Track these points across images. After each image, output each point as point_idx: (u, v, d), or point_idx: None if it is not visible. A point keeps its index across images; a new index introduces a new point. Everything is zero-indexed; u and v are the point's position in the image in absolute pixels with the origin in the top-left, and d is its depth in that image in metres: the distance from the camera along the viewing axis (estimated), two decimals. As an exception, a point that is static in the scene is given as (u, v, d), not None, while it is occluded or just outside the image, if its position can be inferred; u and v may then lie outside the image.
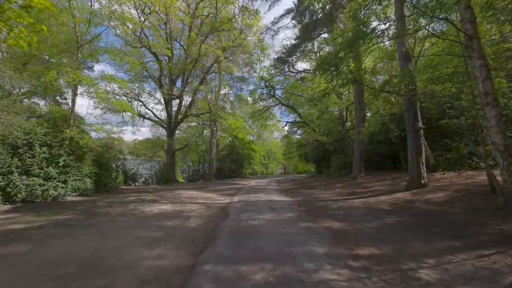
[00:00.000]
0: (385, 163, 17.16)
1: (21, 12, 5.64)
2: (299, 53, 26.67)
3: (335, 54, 7.33)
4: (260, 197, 10.75)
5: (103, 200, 9.69)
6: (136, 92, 22.02)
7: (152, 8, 13.86)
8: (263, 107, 30.50)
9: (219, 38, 20.69)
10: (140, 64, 16.55)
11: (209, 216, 6.83)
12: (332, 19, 20.11)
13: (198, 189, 15.19)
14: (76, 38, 12.27)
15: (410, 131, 9.75)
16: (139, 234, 5.07)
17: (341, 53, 7.18)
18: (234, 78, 28.00)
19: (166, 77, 22.55)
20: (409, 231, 4.81)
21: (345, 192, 11.21)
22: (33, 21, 6.45)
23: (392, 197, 8.40)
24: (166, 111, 22.00)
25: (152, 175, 24.63)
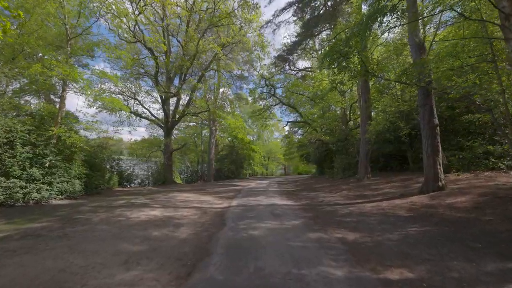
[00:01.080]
0: (392, 163, 16.37)
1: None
2: (300, 50, 25.87)
3: (346, 39, 6.50)
4: (261, 200, 9.92)
5: (89, 204, 8.86)
6: (133, 90, 21.30)
7: (147, 0, 13.00)
8: (263, 106, 29.72)
9: (218, 34, 19.90)
10: (135, 61, 15.73)
11: (203, 224, 6.00)
12: (335, 14, 19.32)
13: (195, 191, 14.36)
14: (65, 31, 11.48)
15: (425, 128, 8.92)
16: (117, 248, 4.24)
17: (352, 39, 6.34)
18: (234, 76, 27.25)
19: (163, 75, 21.78)
20: (442, 245, 3.98)
21: (353, 195, 10.38)
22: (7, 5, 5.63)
23: (407, 201, 7.58)
24: (163, 110, 21.20)
25: (149, 176, 23.78)
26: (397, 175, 13.59)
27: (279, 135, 52.75)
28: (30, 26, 11.21)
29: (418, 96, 9.29)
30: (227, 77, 24.25)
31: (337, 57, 6.97)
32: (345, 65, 7.38)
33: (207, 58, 22.27)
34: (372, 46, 9.70)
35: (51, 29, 12.44)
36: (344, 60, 7.10)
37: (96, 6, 11.07)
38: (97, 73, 11.82)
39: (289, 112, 32.24)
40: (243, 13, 17.36)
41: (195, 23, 19.40)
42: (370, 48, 8.22)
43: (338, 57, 6.96)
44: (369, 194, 9.90)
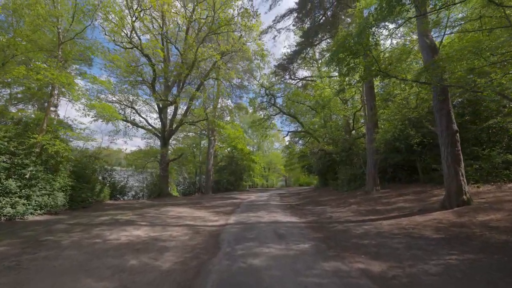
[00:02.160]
0: (400, 174, 15.39)
1: None
2: (300, 60, 25.36)
3: (358, 33, 5.68)
4: (262, 216, 8.89)
5: (67, 221, 7.85)
6: (130, 99, 20.58)
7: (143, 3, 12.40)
8: (264, 116, 29.00)
9: (217, 42, 19.34)
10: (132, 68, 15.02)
11: (194, 249, 5.00)
12: (335, 22, 18.85)
13: (190, 205, 13.32)
14: (57, 34, 10.78)
15: (443, 135, 8.05)
16: (78, 286, 3.26)
17: (364, 33, 5.51)
18: (234, 85, 26.65)
19: (161, 84, 21.13)
20: (505, 283, 3.00)
21: (364, 210, 9.37)
22: None
23: (430, 218, 6.59)
24: (160, 119, 20.39)
25: (144, 188, 22.69)
26: (408, 187, 12.62)
27: (279, 146, 51.93)
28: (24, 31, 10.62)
29: (433, 101, 8.46)
30: (227, 85, 23.56)
31: (346, 55, 6.16)
32: (355, 65, 6.56)
33: (206, 67, 21.70)
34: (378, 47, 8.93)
35: (45, 35, 11.82)
36: (354, 59, 6.28)
37: (90, 9, 10.36)
38: (88, 77, 11.03)
39: (290, 122, 31.49)
40: (243, 22, 16.83)
41: (194, 31, 18.90)
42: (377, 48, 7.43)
43: (347, 55, 6.15)
44: (382, 209, 8.90)
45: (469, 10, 7.36)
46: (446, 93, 7.90)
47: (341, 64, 6.57)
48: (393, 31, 9.83)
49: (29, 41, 10.19)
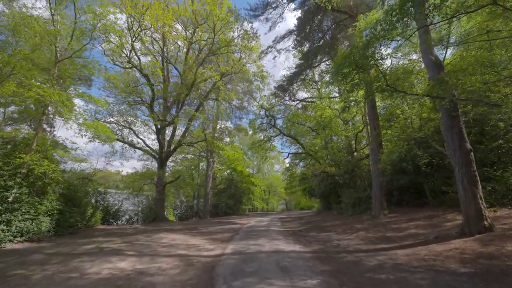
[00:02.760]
0: (407, 197, 14.66)
1: None
2: (300, 81, 25.51)
3: (365, 44, 5.37)
4: (263, 244, 8.11)
5: (47, 250, 7.08)
6: (129, 120, 20.30)
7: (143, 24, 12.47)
8: (263, 137, 28.67)
9: (217, 63, 19.47)
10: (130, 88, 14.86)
11: (183, 286, 4.28)
12: (334, 44, 19.09)
13: (186, 230, 12.48)
14: (55, 52, 10.65)
15: (456, 155, 7.52)
16: None
17: (373, 42, 5.20)
18: (233, 106, 26.58)
19: (161, 105, 20.99)
20: None
21: (374, 236, 8.61)
22: None
23: (451, 247, 5.88)
24: (157, 140, 19.96)
25: (138, 212, 21.71)
26: (417, 211, 11.88)
27: (279, 168, 51.16)
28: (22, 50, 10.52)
29: (443, 118, 8.05)
30: (226, 106, 23.43)
31: (352, 69, 5.81)
32: (360, 80, 6.20)
33: (206, 88, 21.70)
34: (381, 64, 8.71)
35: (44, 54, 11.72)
36: (360, 73, 5.94)
37: (89, 29, 10.29)
38: (82, 95, 10.72)
39: (290, 144, 31.07)
40: (242, 43, 16.99)
41: (194, 52, 19.07)
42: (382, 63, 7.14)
43: (353, 69, 5.81)
44: (394, 236, 8.15)
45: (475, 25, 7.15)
46: (456, 110, 7.50)
47: (346, 79, 6.22)
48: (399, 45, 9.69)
49: (26, 59, 10.00)
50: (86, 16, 9.79)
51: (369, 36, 5.17)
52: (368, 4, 14.88)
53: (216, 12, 13.92)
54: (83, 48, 10.28)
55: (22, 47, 11.01)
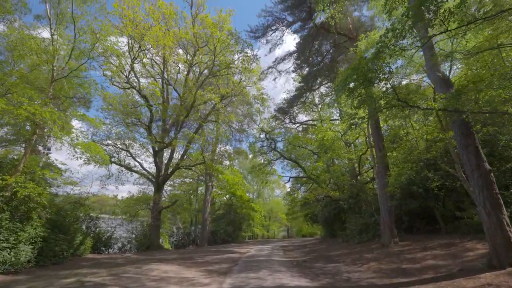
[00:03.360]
0: (417, 224, 13.77)
1: None
2: (300, 104, 25.50)
3: (374, 54, 5.00)
4: (264, 278, 7.22)
5: (19, 285, 6.23)
6: (126, 142, 19.88)
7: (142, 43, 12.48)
8: (264, 161, 28.07)
9: (217, 86, 19.46)
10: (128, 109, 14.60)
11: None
12: (333, 66, 19.22)
13: (180, 260, 11.49)
14: (51, 71, 10.45)
15: (474, 176, 6.92)
16: None
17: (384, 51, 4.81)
18: (233, 129, 26.29)
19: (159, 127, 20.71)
20: None
21: (387, 268, 7.74)
22: None
23: (482, 283, 5.10)
24: (154, 163, 19.37)
25: (132, 240, 20.48)
26: (431, 239, 11.00)
27: (280, 193, 49.92)
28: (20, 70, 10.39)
29: (456, 138, 7.55)
30: (226, 129, 23.13)
31: (360, 83, 5.42)
32: (368, 95, 5.79)
33: (206, 110, 21.54)
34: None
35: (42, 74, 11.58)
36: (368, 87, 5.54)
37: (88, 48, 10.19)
38: (76, 115, 10.35)
39: (291, 168, 30.33)
40: (243, 65, 17.06)
41: (194, 75, 19.13)
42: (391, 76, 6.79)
43: (361, 83, 5.41)
44: (411, 268, 7.30)
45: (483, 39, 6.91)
46: (470, 127, 7.04)
47: (353, 94, 5.81)
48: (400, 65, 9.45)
49: (21, 77, 9.77)
50: (85, 36, 9.69)
51: (380, 44, 4.85)
52: (366, 28, 15.08)
53: (217, 35, 14.04)
54: (80, 67, 10.09)
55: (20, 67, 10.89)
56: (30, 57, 9.60)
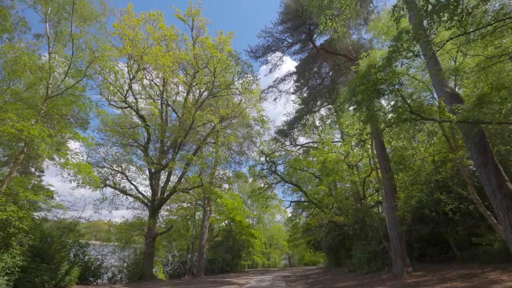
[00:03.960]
0: (431, 251, 12.77)
1: None
2: (300, 126, 25.28)
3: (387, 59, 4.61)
4: (266, 314, 6.30)
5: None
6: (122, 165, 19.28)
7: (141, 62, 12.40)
8: (264, 184, 27.26)
9: (217, 107, 19.31)
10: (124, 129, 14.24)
11: None
12: (333, 88, 19.21)
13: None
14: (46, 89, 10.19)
15: (496, 198, 6.30)
16: None
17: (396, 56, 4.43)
18: (233, 152, 25.81)
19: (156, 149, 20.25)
20: None
21: (405, 303, 6.83)
22: None
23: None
24: (150, 186, 18.62)
25: (123, 269, 19.10)
26: (446, 268, 10.07)
27: (281, 219, 48.22)
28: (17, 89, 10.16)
29: (472, 155, 7.03)
30: (225, 150, 22.65)
31: (369, 94, 5.00)
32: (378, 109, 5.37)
33: (205, 132, 21.23)
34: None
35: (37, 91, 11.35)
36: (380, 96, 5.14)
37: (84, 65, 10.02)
38: (67, 132, 9.91)
39: (292, 192, 29.37)
40: (242, 86, 17.00)
41: (194, 96, 19.05)
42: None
43: (371, 93, 5.00)
44: (432, 304, 6.41)
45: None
46: (487, 144, 6.54)
47: (360, 107, 5.39)
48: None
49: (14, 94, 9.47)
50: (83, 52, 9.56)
51: (392, 49, 4.49)
52: (366, 50, 15.19)
53: (217, 55, 14.06)
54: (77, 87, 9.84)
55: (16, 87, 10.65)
56: (24, 73, 9.36)
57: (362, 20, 15.77)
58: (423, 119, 5.70)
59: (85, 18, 10.35)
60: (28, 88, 10.81)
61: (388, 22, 12.93)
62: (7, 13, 10.04)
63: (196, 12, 15.64)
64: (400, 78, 5.25)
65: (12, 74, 8.83)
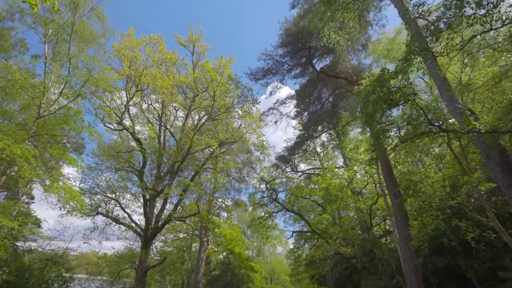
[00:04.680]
0: (448, 286, 11.50)
1: None
2: (301, 152, 24.79)
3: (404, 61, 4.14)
4: None
5: None
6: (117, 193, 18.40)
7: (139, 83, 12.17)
8: (264, 213, 26.07)
9: (216, 131, 18.91)
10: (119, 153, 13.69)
11: None
12: (334, 112, 19.00)
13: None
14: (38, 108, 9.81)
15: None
16: None
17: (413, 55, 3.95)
18: (232, 178, 24.96)
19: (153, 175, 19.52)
20: None
21: None
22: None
23: None
24: (144, 213, 17.53)
25: (110, 307, 17.39)
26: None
27: (282, 251, 45.73)
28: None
29: (496, 176, 6.36)
30: (223, 176, 21.87)
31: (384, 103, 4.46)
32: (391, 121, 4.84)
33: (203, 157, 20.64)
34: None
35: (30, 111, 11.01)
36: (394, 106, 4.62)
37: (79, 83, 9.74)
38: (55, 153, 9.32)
39: (294, 221, 27.96)
40: (242, 110, 16.77)
41: (193, 120, 18.78)
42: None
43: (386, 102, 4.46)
44: None
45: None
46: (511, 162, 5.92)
47: (371, 120, 4.85)
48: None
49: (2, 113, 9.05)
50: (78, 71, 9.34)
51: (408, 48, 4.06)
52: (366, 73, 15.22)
53: (217, 78, 13.96)
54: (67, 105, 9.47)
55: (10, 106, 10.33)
56: (17, 93, 9.03)
57: (361, 46, 15.99)
58: (444, 131, 5.13)
59: (84, 39, 10.30)
60: (22, 109, 10.43)
61: (388, 46, 13.00)
62: (6, 34, 9.98)
63: (197, 38, 15.88)
64: (414, 88, 4.81)
65: (2, 91, 8.47)
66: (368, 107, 4.79)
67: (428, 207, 9.77)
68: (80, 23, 9.81)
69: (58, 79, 10.22)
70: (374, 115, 4.94)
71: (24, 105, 9.69)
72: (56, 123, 9.53)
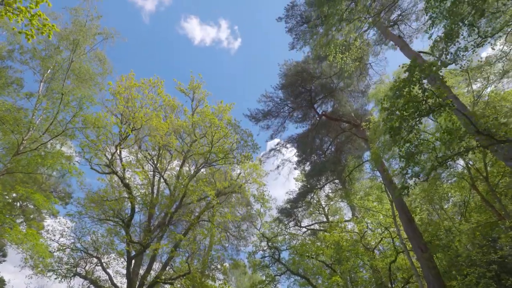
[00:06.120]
0: None
1: None
2: (305, 204, 23.08)
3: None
4: None
5: None
6: (101, 250, 16.28)
7: (133, 121, 11.52)
8: (265, 277, 22.99)
9: (214, 180, 17.71)
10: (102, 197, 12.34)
11: None
12: (338, 159, 18.13)
13: None
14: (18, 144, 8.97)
15: None
16: None
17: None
18: (230, 235, 22.63)
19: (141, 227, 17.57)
20: None
21: None
22: None
23: None
24: (126, 274, 15.05)
25: None
26: None
27: (287, 324, 39.14)
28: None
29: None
30: (220, 230, 19.79)
31: (413, 113, 3.52)
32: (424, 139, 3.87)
33: (199, 208, 18.96)
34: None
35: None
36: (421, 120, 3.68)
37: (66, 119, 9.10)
38: (33, 199, 8.11)
39: (300, 286, 24.49)
40: (241, 156, 15.96)
41: (190, 168, 17.83)
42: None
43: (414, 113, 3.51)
44: None
45: None
46: None
47: (400, 132, 3.84)
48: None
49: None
50: (68, 105, 8.81)
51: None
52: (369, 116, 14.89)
53: (215, 122, 13.54)
54: (47, 142, 8.68)
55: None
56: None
57: (360, 94, 16.06)
58: (499, 142, 3.92)
59: (81, 79, 10.12)
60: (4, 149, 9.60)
61: (389, 92, 12.89)
62: (2, 72, 9.80)
63: (197, 85, 16.12)
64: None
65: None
66: (393, 119, 3.85)
67: (466, 263, 8.03)
68: (79, 62, 9.74)
69: (48, 117, 9.67)
70: (401, 129, 3.92)
71: (5, 141, 8.88)
72: (31, 160, 8.50)
